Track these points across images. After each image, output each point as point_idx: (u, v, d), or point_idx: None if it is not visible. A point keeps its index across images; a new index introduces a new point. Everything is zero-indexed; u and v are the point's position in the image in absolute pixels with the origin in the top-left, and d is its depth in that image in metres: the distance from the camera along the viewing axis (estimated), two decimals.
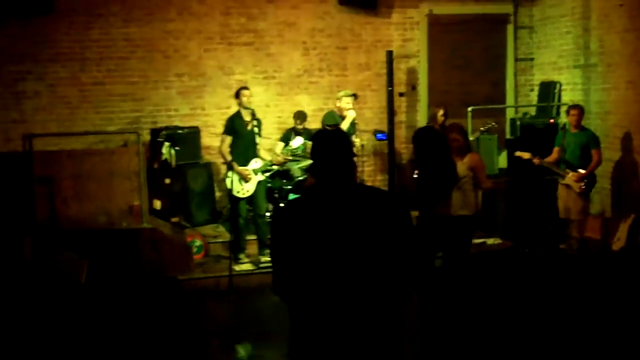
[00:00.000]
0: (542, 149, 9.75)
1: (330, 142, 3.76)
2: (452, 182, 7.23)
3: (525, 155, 9.67)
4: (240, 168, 9.22)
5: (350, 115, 9.81)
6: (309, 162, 9.33)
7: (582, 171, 9.42)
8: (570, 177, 9.50)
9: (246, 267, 9.35)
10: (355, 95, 10.09)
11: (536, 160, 9.55)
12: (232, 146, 9.34)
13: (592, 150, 9.57)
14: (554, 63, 12.16)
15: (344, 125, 9.61)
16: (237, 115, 9.43)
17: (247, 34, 11.64)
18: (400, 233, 3.64)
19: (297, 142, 10.30)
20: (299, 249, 3.55)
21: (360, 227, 3.57)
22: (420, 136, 7.46)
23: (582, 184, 9.42)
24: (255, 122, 9.40)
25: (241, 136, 9.36)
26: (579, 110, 9.74)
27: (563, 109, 11.11)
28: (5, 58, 10.68)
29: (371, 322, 3.56)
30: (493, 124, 10.89)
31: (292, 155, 10.01)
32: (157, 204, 10.57)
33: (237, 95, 9.50)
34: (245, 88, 9.62)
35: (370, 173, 12.01)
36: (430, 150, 7.21)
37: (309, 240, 3.55)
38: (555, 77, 12.05)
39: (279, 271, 3.66)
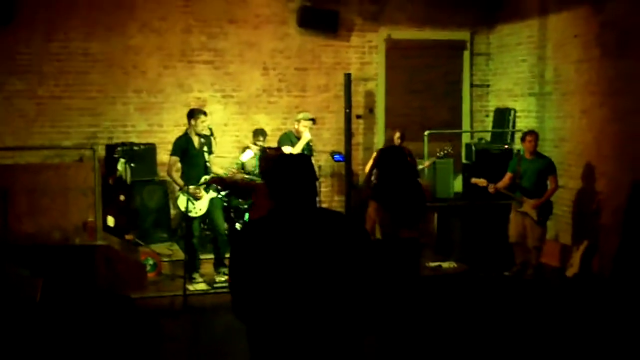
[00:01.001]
0: (496, 174, 9.89)
1: (294, 166, 3.74)
2: (424, 206, 7.29)
3: (481, 182, 9.78)
4: (192, 187, 9.04)
5: (305, 137, 9.95)
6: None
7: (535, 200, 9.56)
8: (527, 204, 9.62)
9: (200, 286, 9.27)
10: (313, 120, 10.18)
11: (491, 189, 9.66)
12: (182, 166, 9.25)
13: (550, 176, 9.67)
14: (510, 90, 12.34)
15: (298, 147, 9.78)
16: (186, 136, 9.31)
17: (208, 53, 11.65)
18: (362, 258, 3.62)
19: (247, 155, 10.26)
20: (261, 273, 3.51)
21: (322, 252, 3.54)
22: (387, 156, 7.44)
23: (538, 210, 9.54)
24: (203, 140, 9.30)
25: (191, 156, 9.25)
26: (534, 136, 9.84)
27: (518, 135, 11.28)
28: None
29: (332, 348, 3.54)
30: (449, 149, 10.98)
31: (243, 171, 9.98)
32: (111, 221, 10.48)
33: (192, 116, 9.34)
34: (204, 113, 9.41)
35: (327, 194, 12.05)
36: (398, 171, 7.25)
37: (271, 264, 3.51)
38: (510, 103, 12.22)
39: (239, 294, 3.61)
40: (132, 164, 10.54)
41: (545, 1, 11.24)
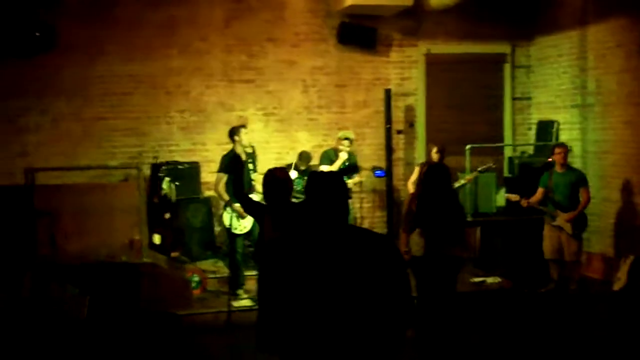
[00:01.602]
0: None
1: (325, 184, 3.81)
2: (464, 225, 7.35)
3: (514, 197, 9.77)
4: (237, 205, 9.10)
5: (341, 157, 10.07)
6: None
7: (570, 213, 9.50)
8: (561, 217, 9.55)
9: (245, 302, 9.32)
10: (349, 139, 10.27)
11: (524, 203, 9.61)
12: (228, 183, 9.33)
13: (581, 189, 9.57)
14: (552, 102, 12.27)
15: (335, 166, 9.89)
16: (232, 152, 9.44)
17: (248, 72, 11.77)
18: (393, 278, 3.67)
19: (291, 175, 10.35)
20: (291, 292, 3.56)
21: (351, 271, 3.58)
22: (433, 174, 7.51)
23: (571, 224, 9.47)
24: (250, 159, 9.44)
25: (236, 172, 9.33)
26: (564, 148, 9.79)
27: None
28: (8, 94, 10.77)
29: None
30: (491, 164, 10.79)
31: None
32: (157, 239, 10.61)
33: (233, 132, 9.50)
34: (243, 126, 9.65)
35: (368, 210, 12.09)
36: (441, 189, 7.31)
37: (302, 283, 3.56)
38: (552, 116, 12.14)
39: (268, 320, 3.66)
40: (176, 183, 10.67)
41: (585, 12, 11.17)
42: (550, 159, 10.95)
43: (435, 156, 10.35)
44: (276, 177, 6.38)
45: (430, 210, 7.31)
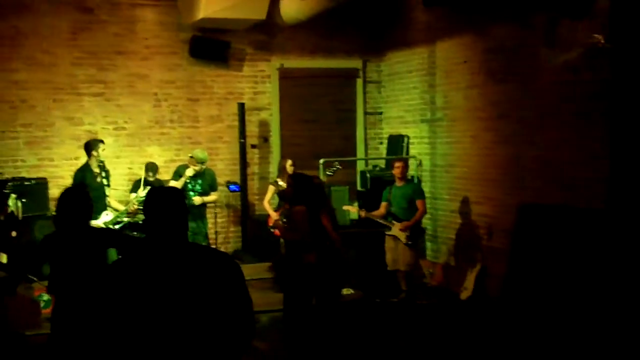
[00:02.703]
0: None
1: (164, 200, 3.74)
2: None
3: (352, 209, 10.01)
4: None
5: (186, 173, 10.01)
6: None
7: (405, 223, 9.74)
8: (396, 227, 9.79)
9: None
10: (192, 156, 10.28)
11: (362, 213, 9.84)
12: None
13: (417, 200, 9.89)
14: (402, 117, 12.52)
15: (179, 183, 9.84)
16: (87, 168, 9.19)
17: (97, 85, 11.48)
18: (232, 294, 3.65)
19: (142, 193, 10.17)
20: (128, 313, 3.47)
21: (192, 289, 3.54)
22: (299, 182, 7.61)
23: (407, 233, 9.70)
24: (103, 174, 9.23)
25: (91, 189, 9.10)
26: (403, 162, 10.14)
27: (411, 161, 11.44)
28: None
29: None
30: (337, 166, 10.71)
31: (140, 205, 9.86)
32: (4, 258, 10.18)
33: (91, 147, 9.25)
34: (101, 141, 9.51)
35: (223, 224, 11.98)
36: (310, 197, 7.40)
37: (140, 304, 3.49)
38: (403, 130, 12.38)
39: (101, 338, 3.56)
40: (23, 199, 10.26)
41: (432, 29, 11.44)
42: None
43: (290, 169, 10.41)
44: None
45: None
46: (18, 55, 11.03)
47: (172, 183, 9.88)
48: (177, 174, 10.25)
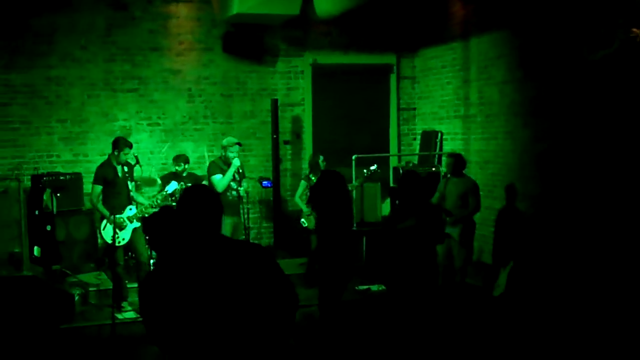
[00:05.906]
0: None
1: (198, 198, 3.83)
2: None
3: None
4: (117, 217, 8.89)
5: (234, 164, 9.59)
6: None
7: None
8: (448, 223, 9.67)
9: (129, 315, 9.12)
10: (239, 143, 9.91)
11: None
12: (105, 195, 9.07)
13: (470, 197, 9.73)
14: (435, 113, 12.47)
15: (229, 175, 9.46)
16: (108, 164, 9.14)
17: (131, 81, 11.55)
18: (271, 283, 3.78)
19: (172, 186, 9.98)
20: (174, 306, 3.59)
21: (231, 281, 3.66)
22: (329, 179, 7.60)
23: (458, 229, 9.56)
24: (125, 168, 9.15)
25: (113, 184, 9.12)
26: (456, 158, 9.95)
27: (444, 157, 11.38)
28: None
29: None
30: (376, 169, 10.75)
31: (166, 201, 9.79)
32: (38, 251, 10.30)
33: (117, 145, 9.14)
34: (129, 146, 9.16)
35: (255, 220, 11.98)
36: (335, 195, 7.40)
37: (185, 297, 3.60)
38: (436, 126, 12.34)
39: (153, 326, 3.69)
40: (58, 194, 10.35)
41: (467, 24, 11.40)
42: (433, 169, 11.17)
43: (322, 165, 10.36)
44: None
45: (325, 215, 7.44)
46: (55, 52, 11.13)
47: (218, 177, 9.58)
48: (218, 168, 9.78)
